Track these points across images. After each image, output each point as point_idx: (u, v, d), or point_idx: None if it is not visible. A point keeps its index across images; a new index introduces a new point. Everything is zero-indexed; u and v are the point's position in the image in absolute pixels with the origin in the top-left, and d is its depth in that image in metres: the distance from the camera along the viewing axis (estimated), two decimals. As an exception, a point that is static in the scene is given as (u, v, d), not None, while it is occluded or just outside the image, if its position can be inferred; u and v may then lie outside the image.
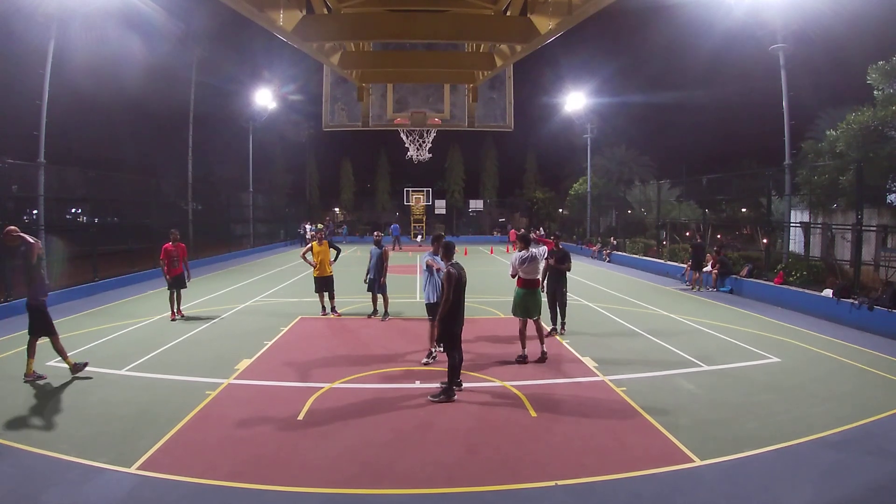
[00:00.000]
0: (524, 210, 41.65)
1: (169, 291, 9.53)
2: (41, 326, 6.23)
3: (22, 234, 6.14)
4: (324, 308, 9.96)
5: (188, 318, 9.52)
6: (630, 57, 36.85)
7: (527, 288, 7.00)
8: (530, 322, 7.14)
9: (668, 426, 4.87)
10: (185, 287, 9.75)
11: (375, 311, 9.69)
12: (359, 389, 5.90)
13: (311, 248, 9.94)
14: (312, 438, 4.66)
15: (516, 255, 7.04)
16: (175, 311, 9.55)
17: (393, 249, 25.06)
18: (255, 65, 28.85)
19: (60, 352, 6.32)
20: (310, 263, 9.95)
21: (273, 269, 18.13)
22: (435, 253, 6.97)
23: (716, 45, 20.59)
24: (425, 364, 6.84)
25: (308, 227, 29.30)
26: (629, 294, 12.88)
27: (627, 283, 15.08)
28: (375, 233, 10.29)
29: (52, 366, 6.62)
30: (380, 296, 9.54)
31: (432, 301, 7.06)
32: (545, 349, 7.11)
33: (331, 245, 9.98)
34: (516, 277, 7.09)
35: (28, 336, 6.25)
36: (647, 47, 35.38)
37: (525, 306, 6.99)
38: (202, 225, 21.32)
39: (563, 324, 8.53)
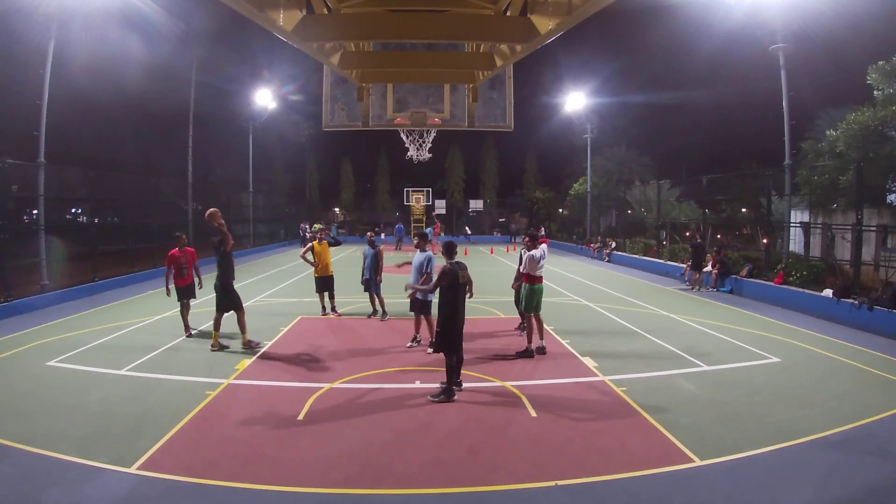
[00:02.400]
0: (524, 210, 41.63)
1: (179, 304, 8.28)
2: (229, 303, 7.43)
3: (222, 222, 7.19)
4: (324, 308, 9.95)
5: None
6: (630, 57, 36.71)
7: (536, 284, 7.24)
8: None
9: (668, 426, 4.87)
10: (195, 298, 8.51)
11: (375, 311, 9.69)
12: (359, 389, 5.90)
13: (311, 248, 9.95)
14: (312, 438, 4.66)
15: (531, 253, 7.22)
16: (188, 326, 8.29)
17: (396, 249, 25.12)
18: (255, 65, 28.88)
19: (242, 326, 7.55)
20: (310, 263, 9.95)
21: (273, 269, 18.13)
22: (419, 248, 7.57)
23: (716, 45, 20.58)
24: (409, 347, 7.51)
25: (306, 227, 29.40)
26: (629, 294, 12.88)
27: (627, 283, 15.07)
28: (368, 234, 10.26)
29: (52, 366, 6.62)
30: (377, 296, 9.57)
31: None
32: (543, 343, 7.37)
33: (330, 244, 10.07)
34: (524, 275, 7.34)
35: (216, 312, 7.43)
36: (647, 48, 35.28)
37: (537, 301, 7.23)
38: (202, 225, 21.29)
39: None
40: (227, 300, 7.39)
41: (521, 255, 7.72)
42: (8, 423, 4.87)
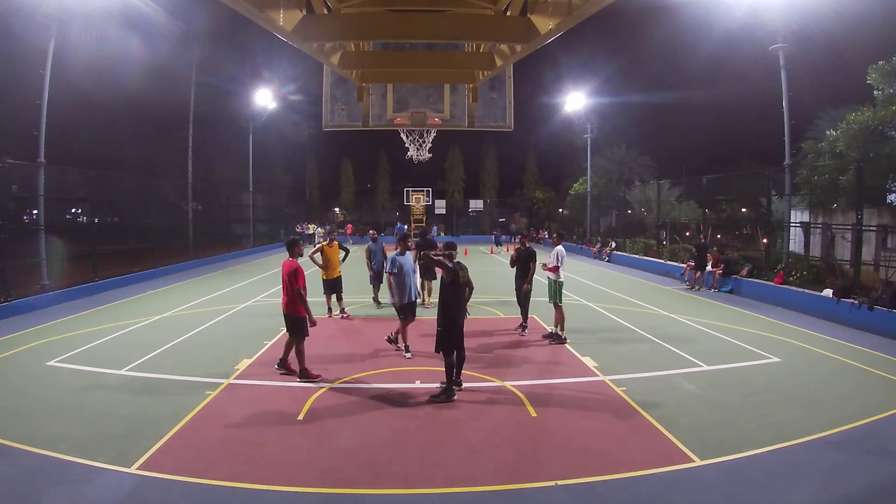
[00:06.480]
0: (524, 210, 41.63)
1: (297, 339, 6.18)
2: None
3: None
4: (330, 310, 9.79)
5: (187, 318, 9.50)
6: (630, 57, 36.76)
7: (560, 279, 8.16)
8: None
9: (668, 426, 4.87)
10: (308, 335, 6.23)
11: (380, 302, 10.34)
12: (359, 389, 5.90)
13: (321, 250, 9.56)
14: (312, 438, 4.66)
15: (556, 249, 8.21)
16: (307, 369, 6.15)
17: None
18: (255, 65, 28.90)
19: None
20: (318, 265, 9.59)
21: (273, 269, 18.10)
22: (400, 252, 7.50)
23: (716, 45, 20.56)
24: (408, 358, 7.13)
25: (304, 228, 29.54)
26: (629, 294, 12.88)
27: (627, 283, 15.07)
28: (371, 231, 11.34)
29: (52, 366, 6.62)
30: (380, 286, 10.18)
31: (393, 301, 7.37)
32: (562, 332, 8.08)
33: (340, 246, 9.89)
34: (552, 268, 8.15)
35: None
36: (647, 47, 35.27)
37: (562, 292, 8.15)
38: (202, 225, 21.32)
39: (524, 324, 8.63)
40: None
41: (517, 251, 8.60)
42: (8, 423, 4.87)
